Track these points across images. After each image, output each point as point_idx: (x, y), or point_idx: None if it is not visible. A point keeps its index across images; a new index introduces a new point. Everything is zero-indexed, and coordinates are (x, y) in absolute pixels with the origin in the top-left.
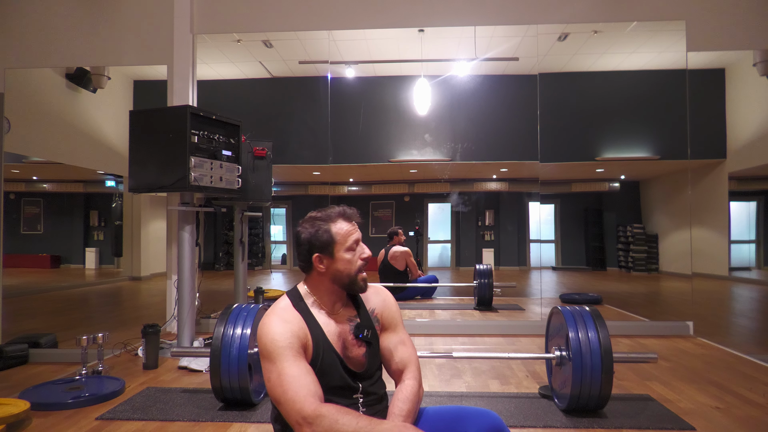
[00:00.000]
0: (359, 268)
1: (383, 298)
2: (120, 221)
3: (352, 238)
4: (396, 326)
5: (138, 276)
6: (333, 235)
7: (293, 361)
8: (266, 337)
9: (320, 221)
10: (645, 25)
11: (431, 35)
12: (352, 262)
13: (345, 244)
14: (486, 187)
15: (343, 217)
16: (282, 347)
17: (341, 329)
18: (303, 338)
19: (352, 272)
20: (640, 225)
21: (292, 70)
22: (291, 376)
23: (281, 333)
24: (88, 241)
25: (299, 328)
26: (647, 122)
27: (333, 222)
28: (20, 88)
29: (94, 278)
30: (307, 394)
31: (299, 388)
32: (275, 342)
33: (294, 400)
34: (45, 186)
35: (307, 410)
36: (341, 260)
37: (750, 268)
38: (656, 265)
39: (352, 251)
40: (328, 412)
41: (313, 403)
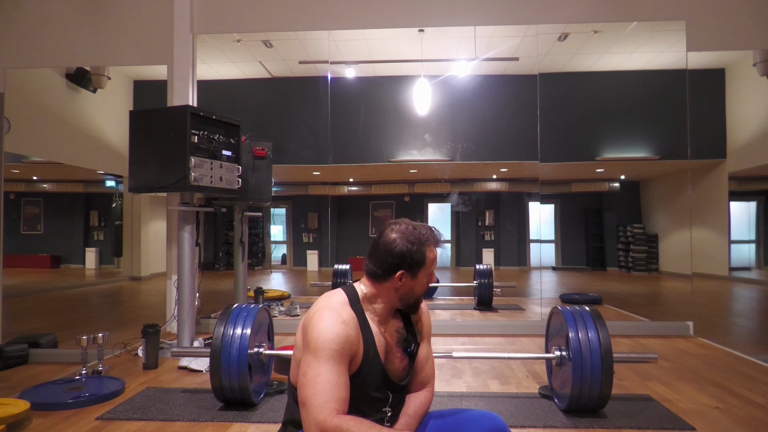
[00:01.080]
0: (423, 292)
1: (423, 309)
2: (120, 221)
3: (434, 266)
4: (429, 338)
5: (138, 276)
6: (425, 259)
7: (336, 368)
8: (321, 333)
9: (417, 240)
10: (645, 25)
11: (431, 35)
12: (425, 286)
13: (429, 270)
14: (486, 187)
15: (435, 244)
16: (333, 349)
17: (387, 340)
18: (355, 345)
19: (420, 295)
20: (640, 225)
21: (292, 70)
22: (328, 383)
23: (337, 334)
24: (88, 241)
25: (355, 333)
26: (647, 122)
27: (428, 246)
28: (20, 88)
29: (94, 278)
30: (335, 406)
31: (330, 399)
32: (328, 341)
33: (321, 408)
34: (45, 186)
35: (329, 423)
36: (419, 283)
37: (750, 268)
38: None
39: (430, 276)
40: (348, 427)
41: (337, 417)
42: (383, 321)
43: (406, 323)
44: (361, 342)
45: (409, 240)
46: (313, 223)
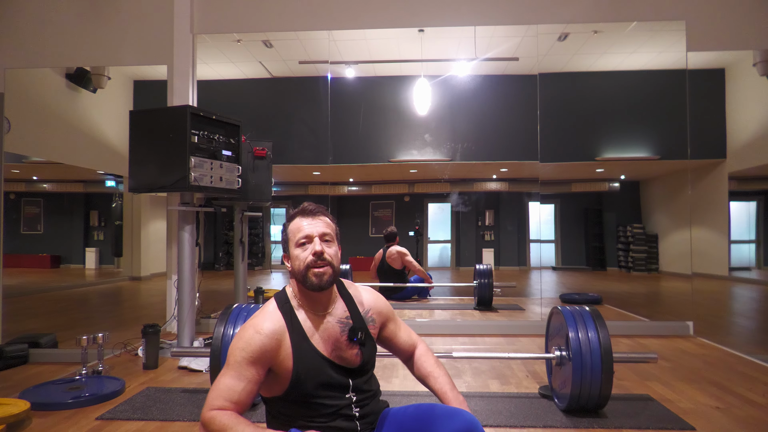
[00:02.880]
0: (309, 263)
1: (375, 298)
2: (120, 221)
3: (300, 234)
4: (392, 319)
5: (138, 276)
6: (288, 233)
7: (237, 372)
8: (234, 343)
9: (286, 221)
10: (645, 25)
11: (431, 35)
12: (299, 258)
13: (294, 241)
14: (486, 187)
15: (301, 214)
16: (240, 356)
17: (331, 331)
18: (271, 350)
19: (302, 267)
20: (640, 225)
21: (292, 70)
22: (224, 384)
23: (247, 343)
24: (88, 241)
25: (272, 340)
26: (647, 122)
27: (291, 220)
28: (20, 88)
29: (94, 278)
30: (219, 404)
31: (218, 397)
32: (237, 350)
33: (207, 404)
34: (45, 186)
35: (204, 415)
36: (293, 258)
37: (750, 268)
38: (656, 265)
39: (302, 247)
40: (220, 420)
41: (212, 411)
42: (315, 311)
43: (352, 312)
44: (287, 342)
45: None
46: None
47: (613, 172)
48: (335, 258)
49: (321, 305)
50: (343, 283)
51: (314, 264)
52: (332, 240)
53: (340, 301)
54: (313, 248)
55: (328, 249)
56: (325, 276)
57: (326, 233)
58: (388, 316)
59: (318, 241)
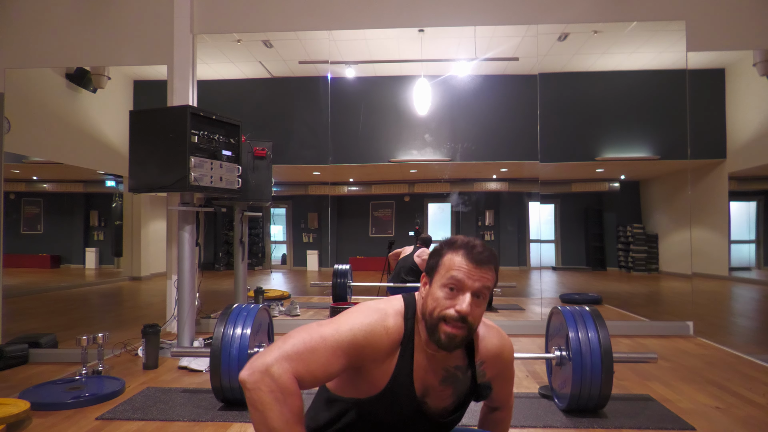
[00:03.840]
0: (446, 316)
1: (497, 350)
2: (120, 221)
3: (453, 276)
4: (505, 378)
5: (138, 276)
6: (440, 262)
7: (335, 351)
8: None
9: (446, 243)
10: (645, 25)
11: (431, 35)
12: (439, 302)
13: (443, 277)
14: (486, 187)
15: (468, 253)
16: (351, 335)
17: (432, 372)
18: (380, 355)
19: (435, 314)
20: (640, 225)
21: (292, 70)
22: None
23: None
24: (88, 241)
25: (388, 346)
26: (647, 122)
27: (453, 250)
28: (20, 88)
29: (94, 278)
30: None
31: (302, 361)
32: (353, 327)
33: (288, 357)
34: (45, 186)
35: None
36: (432, 295)
37: (750, 268)
38: (656, 265)
39: (447, 290)
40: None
41: (292, 379)
42: (432, 350)
43: (468, 359)
44: (395, 358)
45: (441, 243)
46: (313, 223)
47: (613, 172)
48: (478, 320)
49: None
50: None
51: (453, 323)
52: (485, 297)
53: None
54: (460, 305)
55: (475, 309)
56: (456, 339)
57: (483, 289)
58: (501, 374)
59: (469, 299)
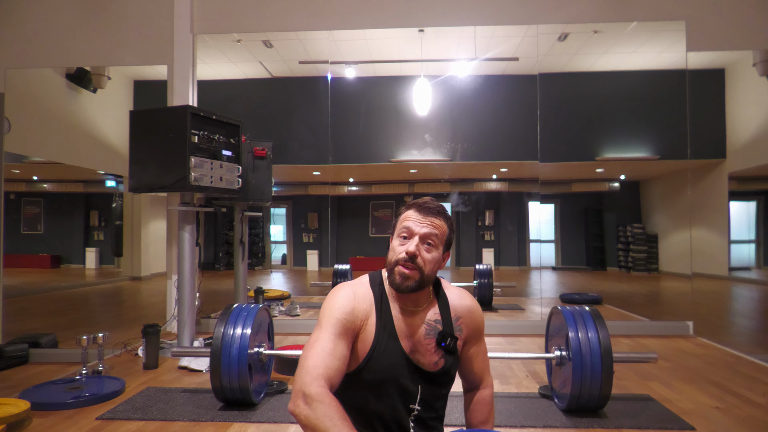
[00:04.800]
0: (399, 259)
1: (469, 308)
2: (120, 221)
3: (403, 225)
4: (477, 339)
5: (138, 276)
6: (396, 219)
7: (334, 336)
8: (327, 302)
9: (404, 206)
10: (645, 25)
11: (431, 35)
12: (395, 250)
13: (397, 230)
14: (486, 187)
15: (416, 208)
16: (334, 317)
17: (416, 329)
18: (361, 318)
19: (392, 261)
20: (640, 225)
21: (292, 70)
22: (322, 349)
23: (341, 305)
24: (88, 241)
25: (364, 306)
26: (647, 122)
27: (407, 209)
28: (20, 88)
29: (94, 278)
30: (322, 372)
31: (319, 364)
32: (331, 311)
33: (308, 372)
34: (45, 186)
35: (311, 388)
36: (391, 247)
37: (750, 268)
38: (656, 265)
39: (401, 240)
40: (327, 405)
41: (321, 387)
42: (404, 305)
43: (443, 316)
44: (373, 317)
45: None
46: (313, 223)
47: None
48: (429, 264)
49: (411, 301)
50: (441, 283)
51: (404, 263)
52: (435, 245)
53: (434, 302)
54: (408, 246)
55: (425, 254)
56: (408, 281)
57: (431, 235)
58: (475, 333)
59: (416, 242)
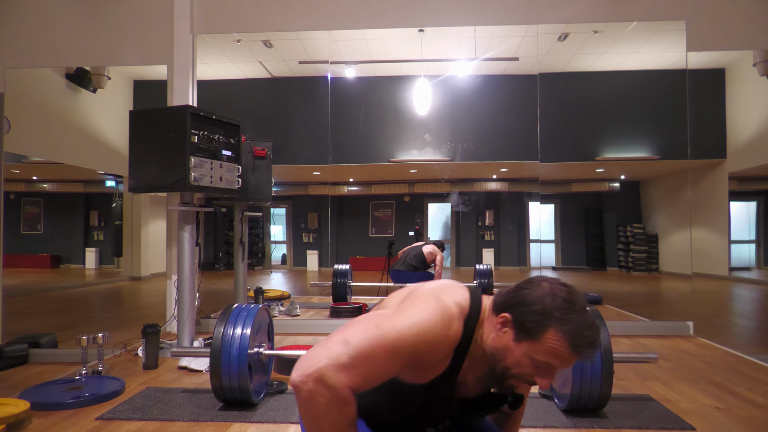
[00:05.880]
0: (521, 377)
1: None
2: (120, 221)
3: (549, 362)
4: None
5: (138, 276)
6: (540, 336)
7: (393, 360)
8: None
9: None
10: (645, 25)
11: (431, 35)
12: (521, 366)
13: (538, 354)
14: (486, 187)
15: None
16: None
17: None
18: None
19: (509, 371)
20: (640, 225)
21: (292, 70)
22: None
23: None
24: (88, 241)
25: (445, 350)
26: (647, 122)
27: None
28: (20, 88)
29: (94, 278)
30: (358, 379)
31: (360, 369)
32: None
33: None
34: (45, 186)
35: (336, 382)
36: (514, 355)
37: (750, 268)
38: (656, 265)
39: (536, 365)
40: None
41: (349, 390)
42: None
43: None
44: (446, 364)
45: (547, 302)
46: (313, 223)
47: (613, 172)
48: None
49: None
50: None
51: (522, 383)
52: None
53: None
54: (543, 384)
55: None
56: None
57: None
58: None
59: (549, 382)
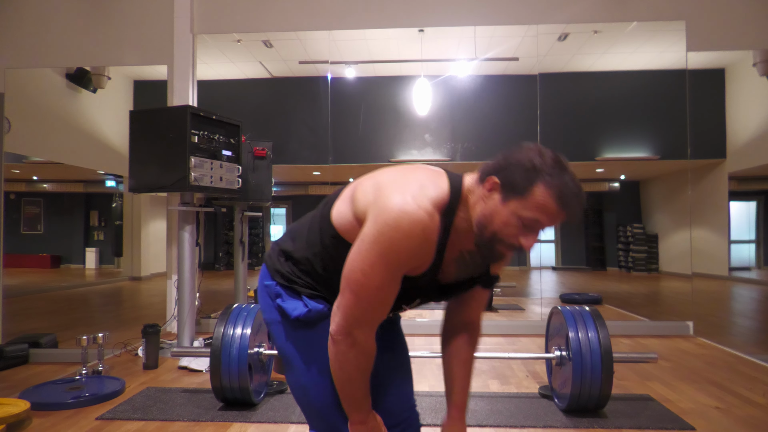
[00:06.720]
0: (509, 241)
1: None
2: (120, 221)
3: (538, 216)
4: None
5: (138, 276)
6: (531, 191)
7: (396, 282)
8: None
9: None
10: (645, 25)
11: (431, 35)
12: (509, 227)
13: (526, 211)
14: None
15: (562, 196)
16: (401, 264)
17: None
18: (422, 262)
19: (498, 235)
20: (640, 225)
21: (292, 70)
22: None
23: (412, 252)
24: (88, 241)
25: (428, 251)
26: (647, 122)
27: (547, 186)
28: (20, 88)
29: (94, 278)
30: (378, 323)
31: (378, 316)
32: (398, 254)
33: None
34: (45, 186)
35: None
36: (503, 217)
37: (750, 268)
38: (656, 265)
39: (521, 222)
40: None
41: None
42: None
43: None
44: (431, 258)
45: (535, 159)
46: None
47: (613, 172)
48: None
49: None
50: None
51: (510, 248)
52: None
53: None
54: (529, 241)
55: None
56: (506, 262)
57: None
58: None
59: (534, 239)
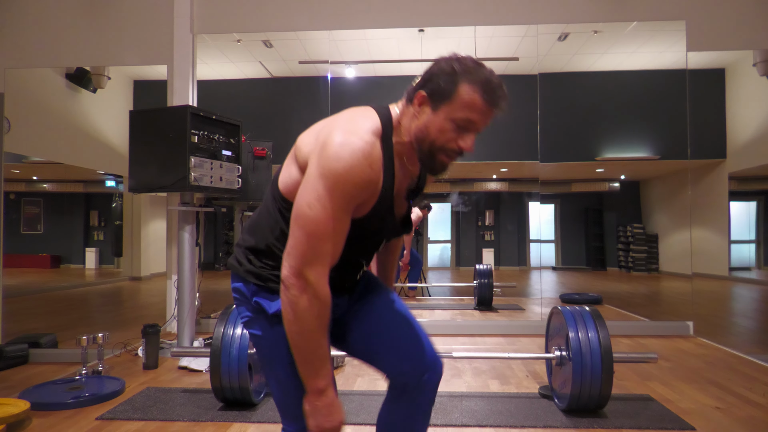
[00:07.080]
0: (447, 148)
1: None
2: (120, 221)
3: (469, 114)
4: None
5: (138, 276)
6: (454, 93)
7: (345, 216)
8: (339, 165)
9: (462, 69)
10: (645, 25)
11: (431, 35)
12: (444, 133)
13: (456, 112)
14: (486, 187)
15: (485, 89)
16: (348, 195)
17: (404, 186)
18: (371, 190)
19: (436, 143)
20: (640, 225)
21: (292, 70)
22: (333, 231)
23: (357, 180)
24: (88, 241)
25: (375, 178)
26: (647, 122)
27: (470, 83)
28: (20, 88)
29: (94, 278)
30: (329, 262)
31: (328, 251)
32: (345, 185)
33: (317, 256)
34: (45, 186)
35: (315, 278)
36: (436, 124)
37: (750, 268)
38: (656, 265)
39: (455, 125)
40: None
41: (326, 277)
42: (410, 160)
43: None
44: (379, 185)
45: (454, 64)
46: None
47: (613, 172)
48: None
49: (412, 161)
50: None
51: (451, 153)
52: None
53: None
54: (466, 142)
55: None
56: (448, 167)
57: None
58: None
59: (471, 139)
